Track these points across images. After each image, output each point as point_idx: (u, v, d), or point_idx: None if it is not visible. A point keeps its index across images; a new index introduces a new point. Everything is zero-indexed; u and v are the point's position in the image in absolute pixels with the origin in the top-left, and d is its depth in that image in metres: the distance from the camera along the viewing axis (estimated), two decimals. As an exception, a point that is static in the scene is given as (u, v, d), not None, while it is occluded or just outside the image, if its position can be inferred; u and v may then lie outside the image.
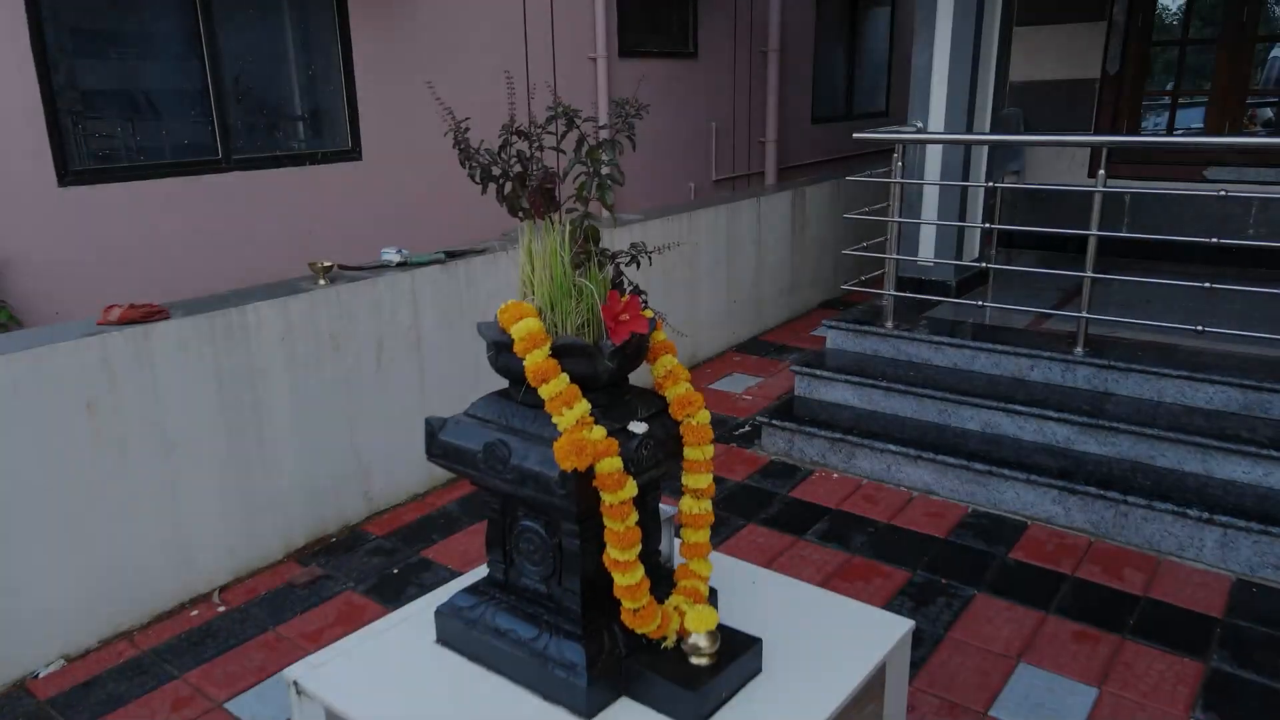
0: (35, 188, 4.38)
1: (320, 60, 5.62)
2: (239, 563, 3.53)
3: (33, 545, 2.92)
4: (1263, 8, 5.68)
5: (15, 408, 2.83)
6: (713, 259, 5.99)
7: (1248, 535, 3.34)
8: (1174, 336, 4.35)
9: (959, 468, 4.00)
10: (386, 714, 1.79)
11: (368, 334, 3.85)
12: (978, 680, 2.83)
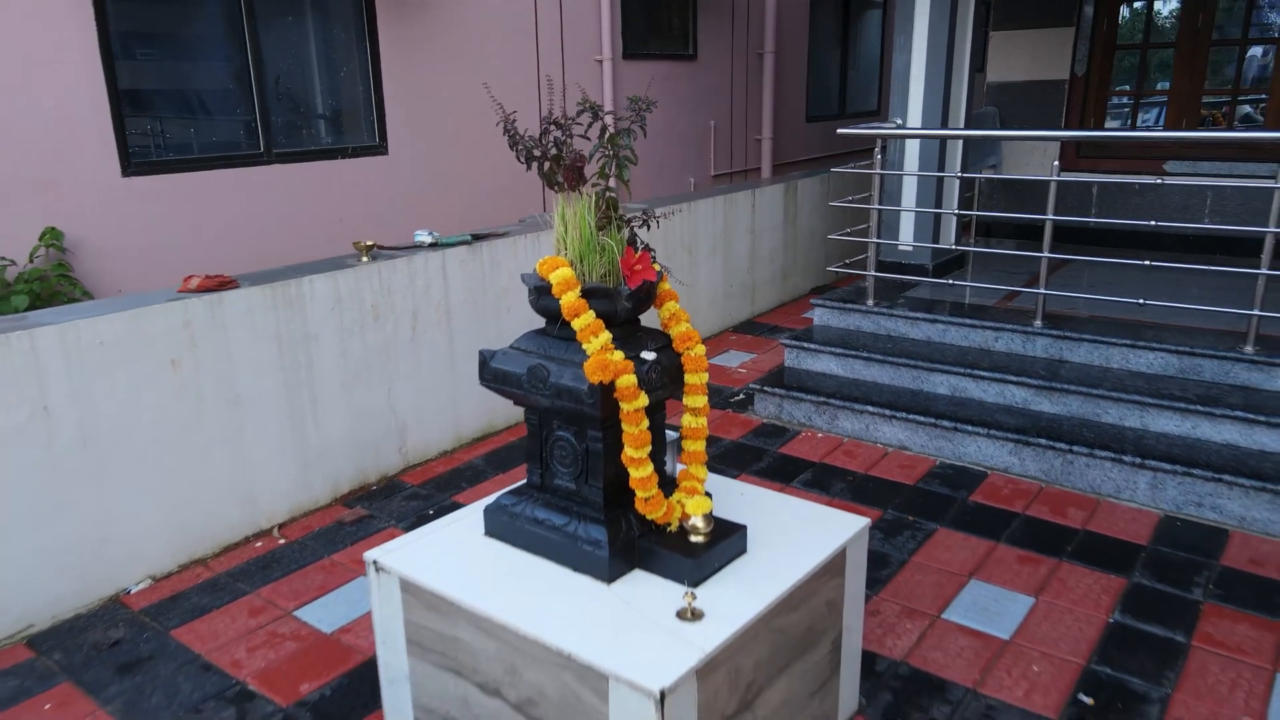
0: (102, 178, 4.86)
1: (350, 64, 6.10)
2: (294, 504, 4.01)
3: (125, 480, 3.40)
4: (1216, 14, 6.15)
5: (115, 360, 3.31)
6: (710, 246, 6.47)
7: (1174, 478, 3.82)
8: (1120, 310, 4.83)
9: (929, 426, 4.48)
10: (450, 582, 2.27)
11: (404, 306, 4.33)
12: (934, 592, 3.31)
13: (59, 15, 4.63)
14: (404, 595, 2.35)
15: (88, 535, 3.32)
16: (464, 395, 4.68)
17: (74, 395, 3.21)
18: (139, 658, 3.05)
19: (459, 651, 2.26)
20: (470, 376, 4.69)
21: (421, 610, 2.32)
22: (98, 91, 4.79)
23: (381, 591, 2.42)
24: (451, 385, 4.62)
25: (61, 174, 4.71)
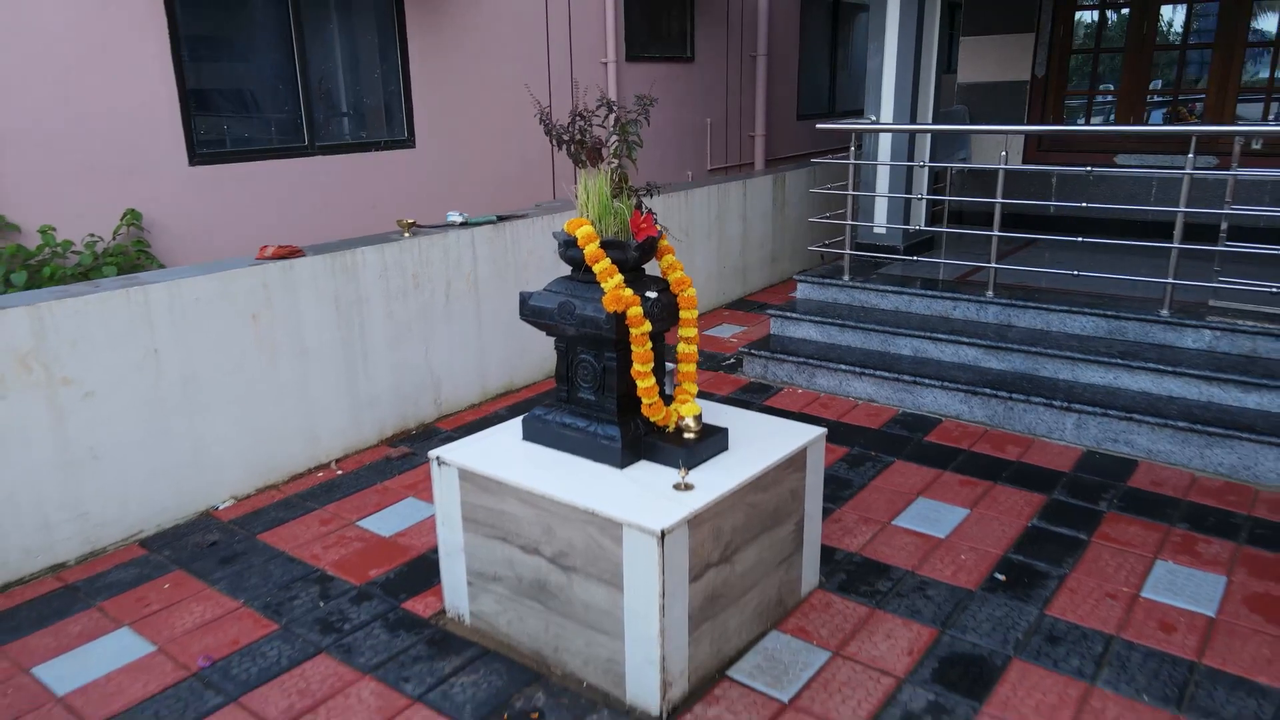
0: (172, 166, 5.52)
1: (383, 67, 6.75)
2: (348, 443, 4.67)
3: (215, 415, 4.06)
4: (1158, 22, 6.79)
5: (208, 313, 3.97)
6: (705, 231, 7.12)
7: (1095, 418, 4.48)
8: (1061, 282, 5.49)
9: (893, 381, 5.13)
10: (498, 468, 2.93)
11: (439, 276, 4.99)
12: (886, 506, 3.97)
13: (139, 28, 5.28)
14: (461, 482, 3.01)
15: (185, 460, 3.98)
16: (489, 356, 5.34)
17: (177, 341, 3.86)
18: (234, 553, 3.71)
19: (505, 521, 2.92)
20: (495, 339, 5.35)
21: (475, 492, 2.98)
22: (170, 92, 5.45)
23: (443, 481, 3.07)
24: (479, 346, 5.28)
25: (139, 163, 5.37)
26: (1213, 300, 4.97)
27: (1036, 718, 2.65)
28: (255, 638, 3.13)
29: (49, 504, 3.56)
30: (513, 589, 2.98)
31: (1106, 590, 3.29)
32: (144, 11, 5.30)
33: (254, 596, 3.39)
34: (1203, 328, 4.73)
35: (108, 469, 3.71)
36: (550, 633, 2.91)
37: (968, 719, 2.65)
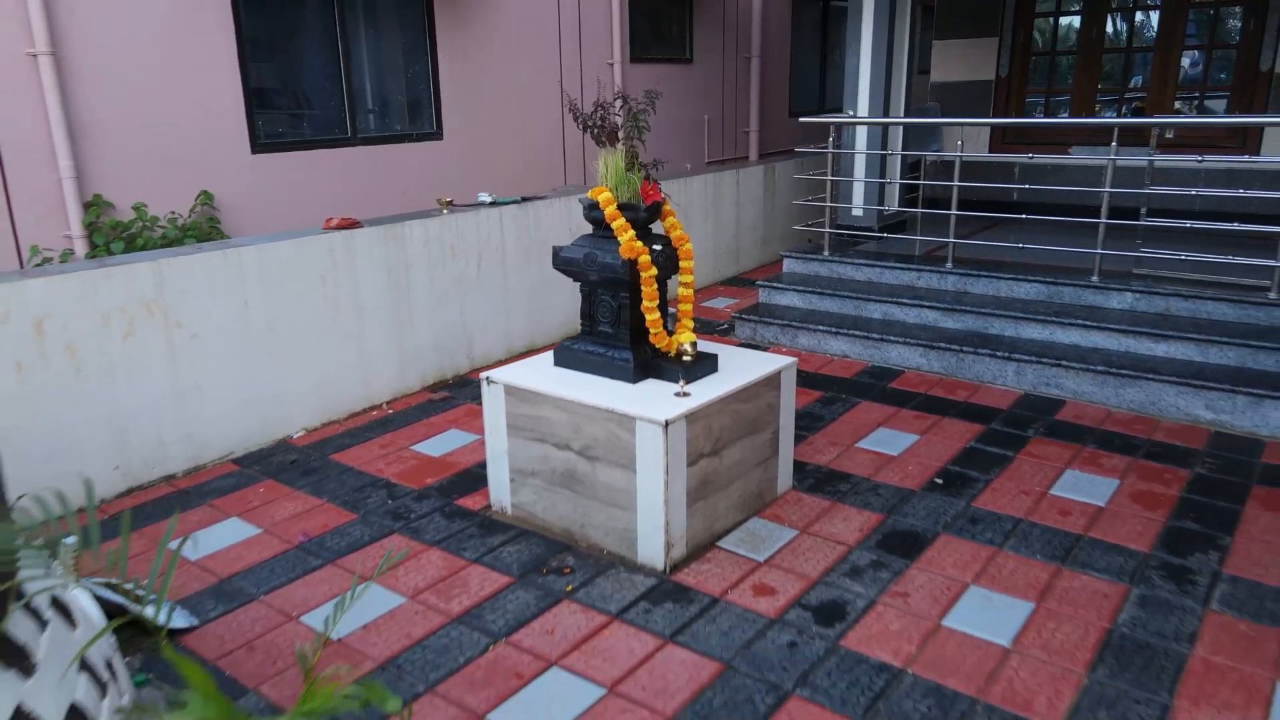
0: (237, 154, 6.29)
1: (415, 69, 7.51)
2: (395, 389, 5.43)
3: (291, 359, 4.82)
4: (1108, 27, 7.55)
5: (287, 273, 4.73)
6: (702, 215, 7.88)
7: (1032, 366, 5.24)
8: (1009, 254, 6.25)
9: (864, 339, 5.90)
10: (537, 384, 3.69)
11: (472, 248, 5.75)
12: (851, 434, 4.73)
13: (210, 37, 6.04)
14: (506, 396, 3.78)
15: (267, 394, 4.75)
16: (514, 318, 6.10)
17: (263, 295, 4.63)
18: (312, 468, 4.48)
19: (541, 425, 3.68)
20: (519, 304, 6.12)
21: (517, 403, 3.74)
22: (236, 91, 6.21)
23: (491, 397, 3.84)
24: (505, 310, 6.05)
25: (210, 152, 6.13)
26: (1135, 268, 5.73)
27: (954, 569, 3.42)
28: (340, 523, 3.90)
29: (163, 425, 4.33)
30: (547, 480, 3.74)
31: (1021, 489, 4.06)
32: (215, 23, 6.06)
33: (334, 496, 4.16)
34: (1125, 291, 5.49)
35: (208, 399, 4.48)
36: (577, 513, 3.68)
37: (901, 571, 3.42)
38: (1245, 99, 7.07)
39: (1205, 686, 2.74)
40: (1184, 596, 3.21)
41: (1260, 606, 3.14)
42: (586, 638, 3.06)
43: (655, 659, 2.94)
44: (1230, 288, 5.30)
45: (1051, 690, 2.74)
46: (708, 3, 10.58)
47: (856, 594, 3.28)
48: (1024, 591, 3.27)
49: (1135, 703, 2.68)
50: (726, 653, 2.96)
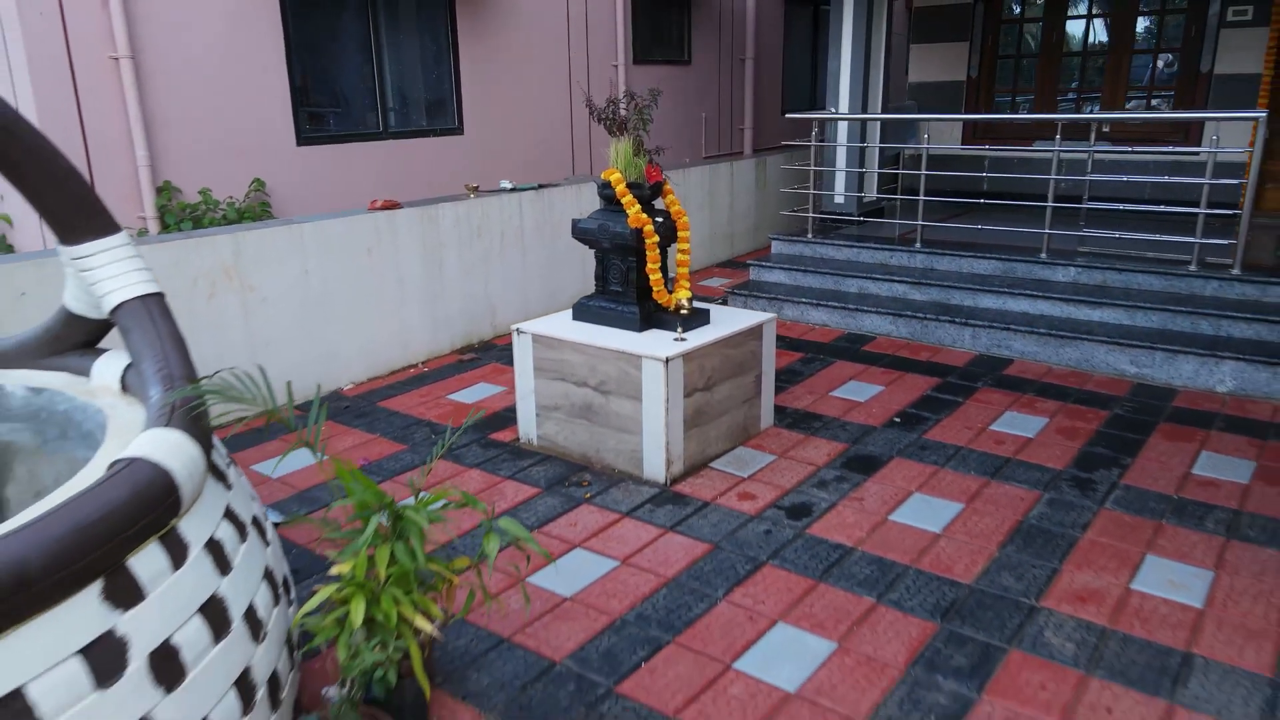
0: (285, 147, 7.01)
1: (439, 70, 8.23)
2: (429, 351, 6.16)
3: (342, 322, 5.54)
4: (1066, 32, 8.27)
5: (339, 246, 5.45)
6: (699, 203, 8.61)
7: (986, 331, 5.97)
8: (971, 236, 6.98)
9: (841, 309, 6.62)
10: (559, 332, 4.42)
11: (496, 228, 6.47)
12: (825, 385, 5.46)
13: (262, 42, 6.76)
14: (534, 343, 4.50)
15: (322, 352, 5.47)
16: (531, 291, 6.83)
17: (320, 265, 5.36)
18: (363, 412, 5.21)
19: (563, 366, 4.41)
20: (535, 279, 6.84)
21: (543, 349, 4.47)
22: (284, 90, 6.93)
23: (520, 344, 4.56)
24: (523, 284, 6.77)
25: (262, 144, 6.85)
26: (1079, 247, 6.46)
27: (902, 482, 4.15)
28: (393, 452, 4.63)
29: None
30: (567, 413, 4.47)
31: (965, 426, 4.79)
32: (266, 31, 6.78)
33: (385, 432, 4.89)
34: (1069, 266, 6.22)
35: (275, 354, 5.21)
36: (593, 439, 4.40)
37: (859, 483, 4.15)
38: (1188, 97, 7.79)
39: (1088, 557, 3.48)
40: (1084, 499, 3.95)
41: (1144, 505, 3.88)
42: (602, 529, 3.80)
43: (658, 543, 3.67)
44: (1157, 262, 6.02)
45: (969, 560, 3.47)
46: (705, 8, 11.30)
47: (821, 499, 4.01)
48: (957, 496, 4.00)
49: (1032, 567, 3.41)
50: (715, 537, 3.70)
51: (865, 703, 2.71)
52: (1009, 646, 2.95)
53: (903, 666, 2.87)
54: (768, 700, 2.73)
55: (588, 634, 3.08)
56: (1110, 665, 2.85)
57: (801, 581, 3.36)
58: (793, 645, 2.99)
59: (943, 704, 2.70)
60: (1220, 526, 3.68)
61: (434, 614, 2.33)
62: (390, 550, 2.26)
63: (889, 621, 3.10)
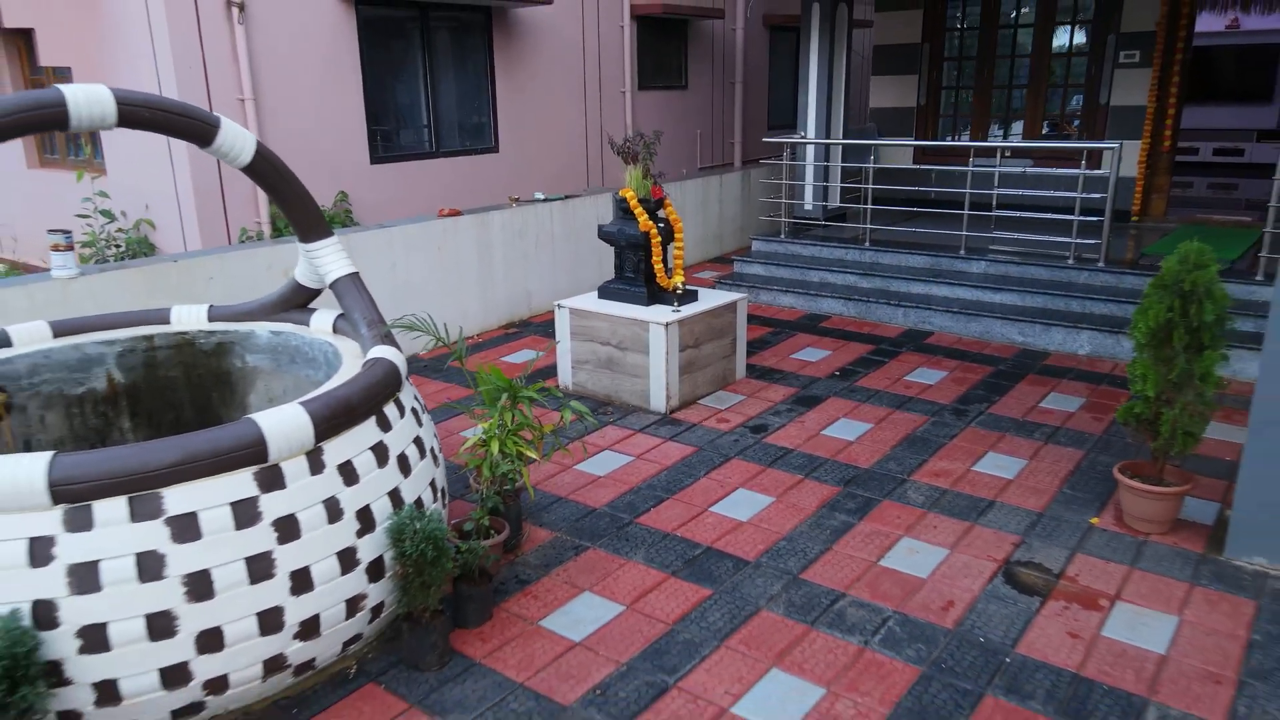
0: (360, 165, 8.62)
1: (480, 97, 9.84)
2: (480, 327, 7.77)
3: (418, 303, 7.14)
4: (995, 70, 9.88)
5: (417, 245, 7.07)
6: (694, 209, 10.22)
7: (915, 310, 7.59)
8: (908, 237, 8.61)
9: (805, 295, 8.24)
10: (590, 306, 6.04)
11: (532, 231, 8.09)
12: (787, 351, 7.09)
13: (345, 79, 8.36)
14: (571, 314, 6.12)
15: (404, 325, 7.08)
16: (559, 281, 8.44)
17: (404, 259, 6.97)
18: (438, 370, 6.82)
19: (591, 331, 6.03)
20: (562, 273, 8.45)
21: (577, 318, 6.09)
22: (360, 118, 8.55)
23: (560, 314, 6.18)
24: (553, 276, 8.38)
25: (343, 162, 8.47)
26: (991, 245, 8.08)
27: (833, 411, 5.77)
28: (464, 395, 6.25)
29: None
30: (595, 365, 6.09)
31: (886, 377, 6.41)
32: (348, 74, 8.39)
33: (458, 383, 6.50)
34: (982, 260, 7.84)
35: (371, 325, 6.81)
36: (614, 383, 6.02)
37: (802, 413, 5.77)
38: (1091, 124, 9.40)
39: (949, 453, 5.10)
40: (958, 421, 5.57)
41: (997, 424, 5.50)
42: (623, 439, 5.42)
43: (660, 447, 5.30)
44: (1045, 256, 7.65)
45: (869, 455, 5.09)
46: (699, 39, 12.90)
47: (775, 421, 5.64)
48: (870, 420, 5.62)
49: (910, 458, 5.03)
50: (699, 443, 5.32)
51: (789, 526, 4.33)
52: (882, 499, 4.58)
53: (815, 509, 4.49)
54: (731, 525, 4.35)
55: (615, 494, 4.70)
56: (943, 507, 4.47)
57: (756, 467, 4.98)
58: (747, 500, 4.61)
59: (835, 526, 4.32)
60: (1043, 436, 5.31)
61: (533, 454, 3.95)
62: (511, 413, 3.88)
63: (811, 488, 4.72)
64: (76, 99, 3.24)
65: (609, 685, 3.22)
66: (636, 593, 3.80)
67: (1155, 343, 3.89)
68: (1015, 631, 3.46)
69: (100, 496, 2.73)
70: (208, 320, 4.51)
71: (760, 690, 3.18)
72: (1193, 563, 3.90)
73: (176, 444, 2.84)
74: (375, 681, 3.27)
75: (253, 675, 2.99)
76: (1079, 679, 3.18)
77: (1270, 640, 3.36)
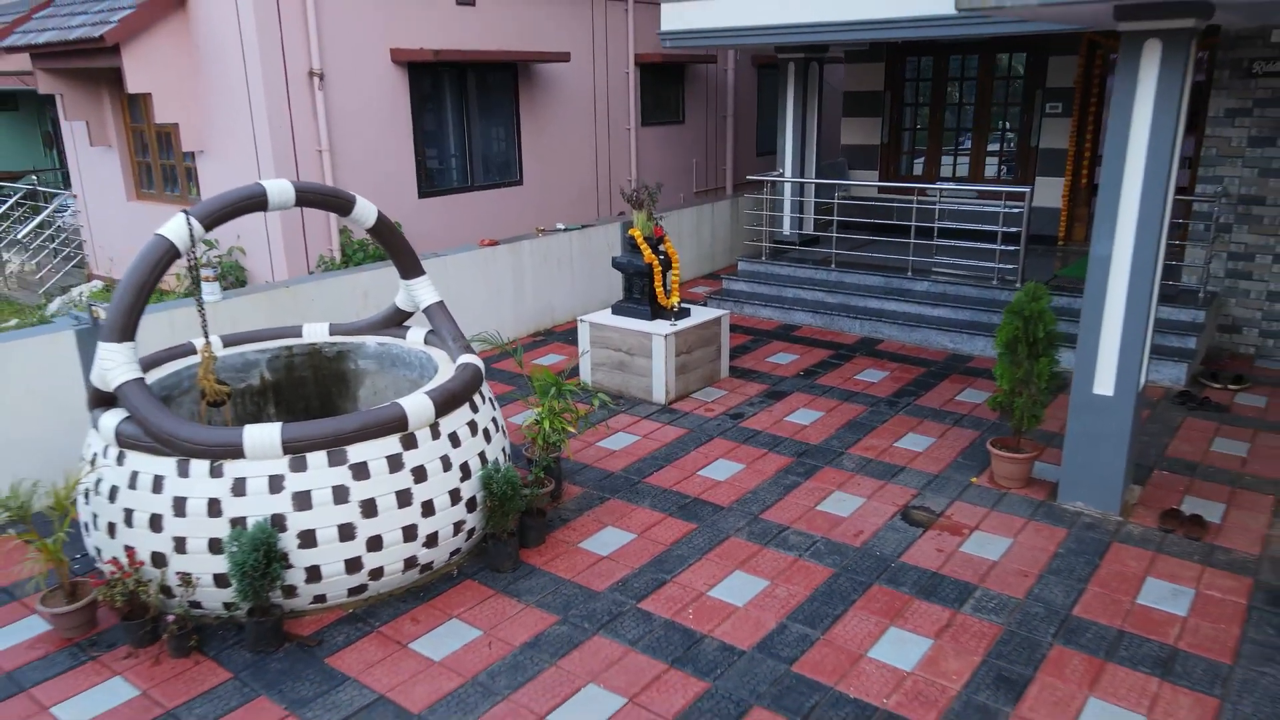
0: (411, 199, 10.19)
1: (507, 137, 11.40)
2: (514, 335, 9.32)
3: (464, 317, 8.70)
4: (944, 114, 11.43)
5: (465, 268, 8.62)
6: (690, 233, 11.77)
7: (868, 321, 9.14)
8: (866, 259, 10.17)
9: (780, 308, 9.79)
10: (605, 320, 7.61)
11: (555, 256, 9.64)
12: (763, 356, 8.64)
13: (399, 127, 9.92)
14: (591, 326, 7.68)
15: (454, 334, 8.65)
16: (575, 297, 10.00)
17: (455, 280, 8.52)
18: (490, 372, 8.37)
19: (607, 339, 7.59)
20: (579, 290, 10.00)
21: (596, 330, 7.65)
22: (410, 161, 10.10)
23: (582, 327, 7.74)
24: (571, 293, 9.94)
25: (397, 197, 10.02)
26: (934, 267, 9.63)
27: (798, 403, 7.32)
28: (506, 391, 7.80)
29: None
30: (609, 366, 7.65)
31: (840, 376, 7.97)
32: (401, 124, 9.95)
33: (501, 380, 8.05)
34: (925, 280, 9.39)
35: (429, 334, 8.37)
36: (624, 381, 7.58)
37: (772, 404, 7.32)
38: (1024, 164, 10.95)
39: (879, 434, 6.65)
40: (890, 410, 7.12)
41: (920, 412, 7.05)
42: (632, 424, 6.97)
43: (660, 429, 6.85)
44: (975, 277, 9.20)
45: (818, 435, 6.64)
46: (695, 79, 14.45)
47: (750, 410, 7.19)
48: (823, 409, 7.17)
49: (848, 437, 6.58)
50: (691, 427, 6.88)
51: (753, 484, 5.88)
52: (824, 466, 6.14)
53: (773, 473, 6.05)
54: (712, 483, 5.90)
55: (628, 462, 6.26)
56: (868, 471, 6.02)
57: (732, 444, 6.53)
58: (724, 467, 6.16)
59: (787, 484, 5.86)
60: (952, 421, 6.87)
61: (571, 428, 5.51)
62: (556, 401, 5.44)
63: (772, 458, 6.28)
64: (271, 190, 4.81)
65: (627, 580, 4.78)
66: (644, 527, 5.36)
67: (1008, 351, 5.44)
68: (901, 549, 5.02)
69: (311, 450, 4.30)
70: (329, 334, 6.07)
71: (726, 583, 4.73)
72: (1034, 506, 5.46)
73: (355, 418, 4.40)
74: (471, 579, 4.83)
75: (397, 569, 4.56)
76: (936, 575, 4.74)
77: (1069, 551, 4.92)
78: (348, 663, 4.14)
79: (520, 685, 3.96)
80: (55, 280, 11.74)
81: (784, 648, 4.17)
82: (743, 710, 3.77)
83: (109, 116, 10.75)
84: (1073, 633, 4.22)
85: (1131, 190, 4.84)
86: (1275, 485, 5.66)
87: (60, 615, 4.31)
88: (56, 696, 3.95)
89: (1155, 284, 5.00)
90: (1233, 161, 7.98)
